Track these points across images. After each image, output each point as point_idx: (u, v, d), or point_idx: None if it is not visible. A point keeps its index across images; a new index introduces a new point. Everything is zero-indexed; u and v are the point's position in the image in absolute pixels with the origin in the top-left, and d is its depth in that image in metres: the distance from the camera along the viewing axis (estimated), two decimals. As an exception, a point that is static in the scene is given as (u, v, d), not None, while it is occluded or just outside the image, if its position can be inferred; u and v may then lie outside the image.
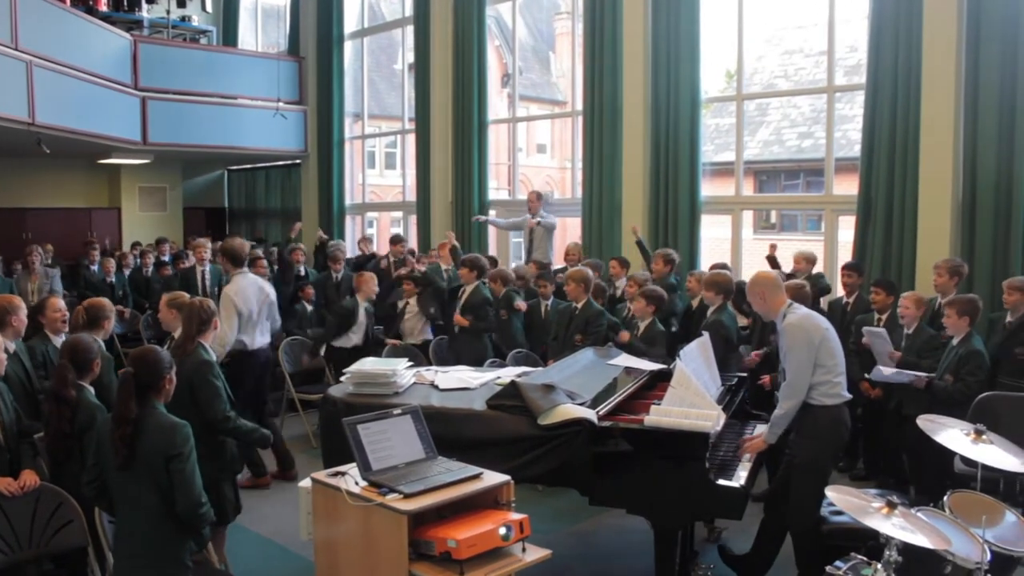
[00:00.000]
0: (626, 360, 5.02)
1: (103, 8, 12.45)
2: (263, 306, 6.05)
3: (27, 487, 3.54)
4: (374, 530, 3.05)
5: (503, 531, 2.99)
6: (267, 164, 14.19)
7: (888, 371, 5.27)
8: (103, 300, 4.88)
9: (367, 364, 4.53)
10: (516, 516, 3.08)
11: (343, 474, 3.24)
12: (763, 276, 4.21)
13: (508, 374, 4.75)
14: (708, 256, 8.23)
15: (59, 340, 4.78)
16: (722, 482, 3.69)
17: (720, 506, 3.75)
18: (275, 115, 12.16)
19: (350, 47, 12.81)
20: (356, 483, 3.15)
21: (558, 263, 8.93)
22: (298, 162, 13.47)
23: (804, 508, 3.97)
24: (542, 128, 18.31)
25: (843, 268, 6.57)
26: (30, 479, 3.57)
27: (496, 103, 12.05)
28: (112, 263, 10.05)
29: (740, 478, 3.81)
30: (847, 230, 7.48)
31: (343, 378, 4.56)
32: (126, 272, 10.33)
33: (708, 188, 8.55)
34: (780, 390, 4.09)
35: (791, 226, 15.62)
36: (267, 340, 6.17)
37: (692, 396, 3.83)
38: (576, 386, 4.22)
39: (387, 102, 17.03)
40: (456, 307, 6.96)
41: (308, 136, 13.03)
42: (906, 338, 5.61)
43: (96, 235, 12.60)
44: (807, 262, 6.75)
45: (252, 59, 13.34)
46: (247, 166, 14.71)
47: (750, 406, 4.88)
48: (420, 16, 10.78)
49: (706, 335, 4.67)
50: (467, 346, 6.73)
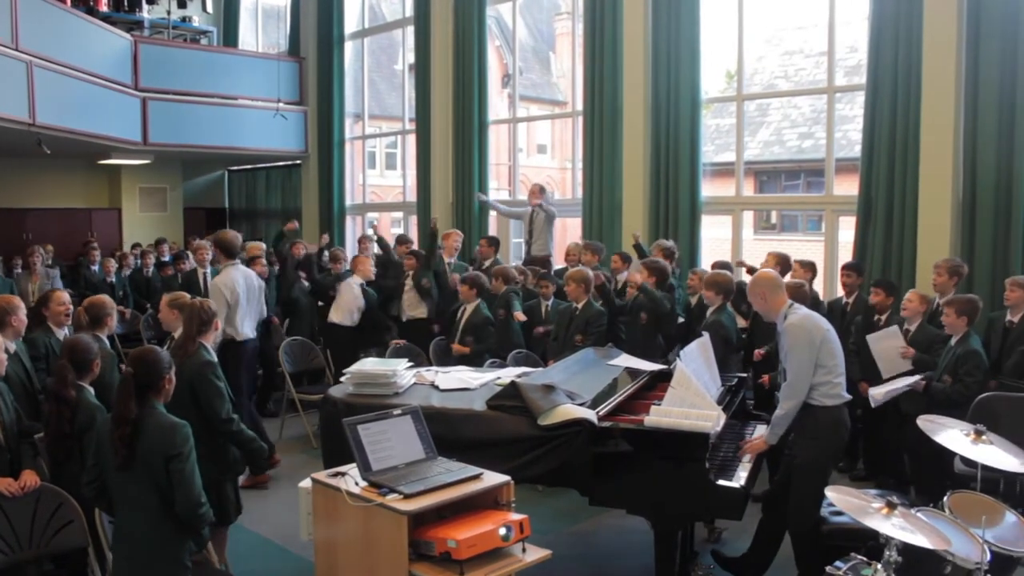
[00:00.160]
0: (626, 360, 5.02)
1: (103, 8, 12.44)
2: (252, 297, 6.25)
3: (27, 487, 3.54)
4: (374, 530, 3.05)
5: (503, 531, 2.99)
6: (267, 164, 14.17)
7: (882, 392, 5.10)
8: (103, 298, 4.87)
9: (367, 364, 4.54)
10: (516, 516, 3.08)
11: (343, 474, 3.25)
12: (764, 276, 4.19)
13: (508, 374, 4.75)
14: (708, 257, 8.23)
15: (62, 333, 4.86)
16: (722, 482, 3.70)
17: (720, 506, 3.75)
18: (275, 115, 12.16)
19: (350, 47, 12.80)
20: (356, 483, 3.16)
21: (558, 258, 8.91)
22: (298, 163, 13.46)
23: (804, 509, 3.97)
24: (542, 128, 18.30)
25: (843, 268, 6.55)
26: (30, 479, 3.57)
27: (496, 103, 12.04)
28: (112, 263, 10.06)
29: (740, 478, 3.81)
30: (847, 230, 7.48)
31: (343, 378, 4.57)
32: (126, 272, 10.34)
33: (708, 188, 8.55)
34: (781, 390, 4.09)
35: (791, 226, 15.62)
36: (253, 330, 6.35)
37: (692, 396, 3.83)
38: (576, 386, 4.22)
39: (387, 102, 17.02)
40: (456, 331, 6.77)
41: (308, 136, 13.02)
42: (907, 335, 5.60)
43: (96, 235, 12.60)
44: (806, 270, 6.38)
45: (252, 59, 13.35)
46: (247, 166, 14.70)
47: (752, 405, 4.87)
48: (420, 16, 10.77)
49: (706, 335, 4.67)
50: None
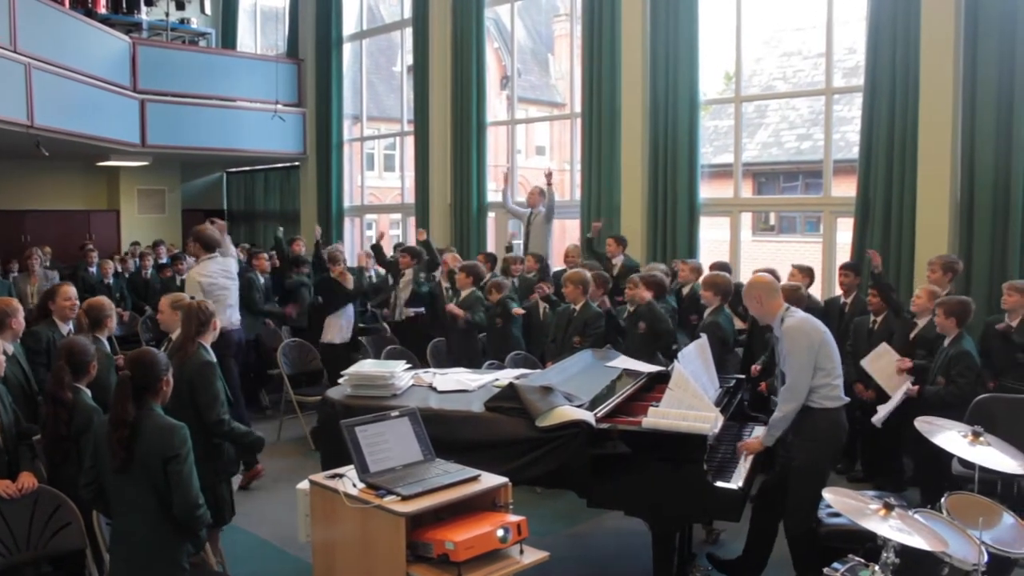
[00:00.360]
0: (624, 362, 5.02)
1: (102, 10, 12.44)
2: (233, 286, 6.26)
3: (25, 489, 3.53)
4: (372, 532, 3.05)
5: (501, 533, 2.99)
6: (266, 166, 14.18)
7: (883, 411, 5.21)
8: (102, 299, 4.88)
9: (365, 366, 4.54)
10: (514, 518, 3.08)
11: (341, 476, 3.24)
12: (760, 279, 4.19)
13: (506, 376, 4.75)
14: (707, 258, 8.23)
15: (66, 328, 4.86)
16: (720, 484, 3.70)
17: (718, 508, 3.75)
18: (273, 117, 12.16)
19: (349, 49, 12.81)
20: (354, 485, 3.15)
21: (555, 260, 8.92)
22: (297, 164, 13.46)
23: (801, 511, 3.97)
24: (541, 130, 18.29)
25: (841, 268, 6.56)
26: (28, 481, 3.57)
27: (495, 105, 12.05)
28: (110, 265, 10.04)
29: (738, 480, 3.81)
30: (846, 232, 7.49)
31: (341, 380, 4.56)
32: (126, 274, 10.32)
33: (707, 190, 8.56)
34: (779, 393, 4.08)
35: (790, 228, 15.63)
36: (238, 320, 6.39)
37: (690, 398, 3.83)
38: (574, 388, 4.22)
39: (386, 104, 17.04)
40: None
41: (307, 138, 13.03)
42: (915, 329, 5.57)
43: (94, 238, 12.59)
44: (803, 275, 6.30)
45: (251, 61, 13.36)
46: (246, 168, 14.71)
47: (749, 408, 4.88)
48: (419, 18, 10.78)
49: (704, 337, 4.67)
50: (460, 343, 6.85)
